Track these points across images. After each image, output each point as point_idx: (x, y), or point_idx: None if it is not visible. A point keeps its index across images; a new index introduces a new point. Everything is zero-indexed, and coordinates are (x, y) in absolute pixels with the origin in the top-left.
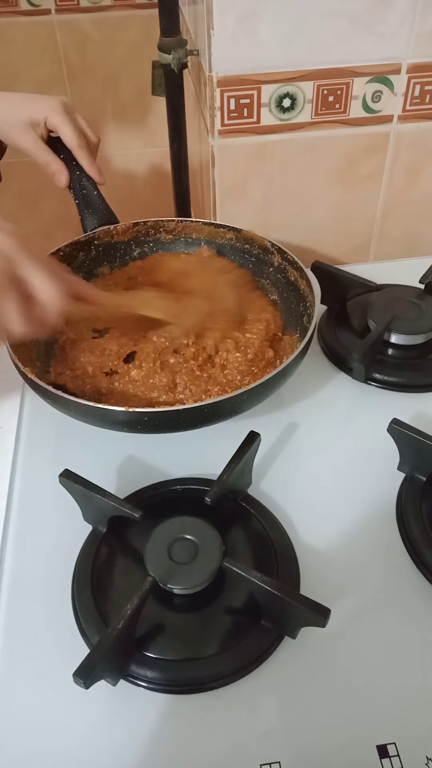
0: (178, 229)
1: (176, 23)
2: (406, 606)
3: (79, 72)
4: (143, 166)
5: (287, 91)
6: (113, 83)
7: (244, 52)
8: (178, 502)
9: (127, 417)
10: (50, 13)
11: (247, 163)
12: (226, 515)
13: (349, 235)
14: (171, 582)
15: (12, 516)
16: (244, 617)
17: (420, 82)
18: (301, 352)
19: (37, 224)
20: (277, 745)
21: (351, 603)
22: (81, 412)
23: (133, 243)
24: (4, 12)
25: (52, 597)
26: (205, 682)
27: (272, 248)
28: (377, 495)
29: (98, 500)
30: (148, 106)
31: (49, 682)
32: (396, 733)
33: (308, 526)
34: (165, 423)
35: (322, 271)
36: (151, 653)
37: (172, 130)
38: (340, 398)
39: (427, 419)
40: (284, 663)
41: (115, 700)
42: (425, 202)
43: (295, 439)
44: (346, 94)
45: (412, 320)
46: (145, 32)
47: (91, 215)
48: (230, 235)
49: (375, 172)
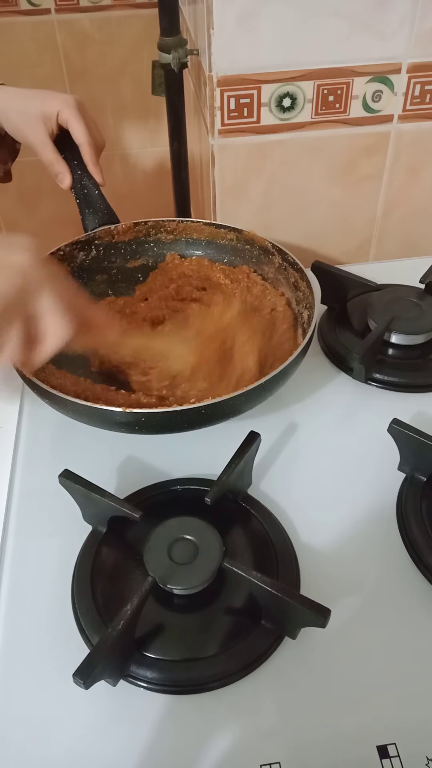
0: (179, 230)
1: (176, 23)
2: (406, 606)
3: (79, 72)
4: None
5: (287, 90)
6: (113, 83)
7: (244, 52)
8: (178, 502)
9: (125, 418)
10: (50, 12)
11: (247, 163)
12: (226, 515)
13: (349, 235)
14: (171, 582)
15: (12, 516)
16: (244, 617)
17: (420, 81)
18: (301, 353)
19: (37, 224)
20: (277, 745)
21: (351, 603)
22: (79, 413)
23: (134, 243)
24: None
25: (52, 597)
26: (205, 682)
27: (273, 249)
28: (377, 495)
29: (98, 500)
30: (148, 106)
31: (48, 682)
32: (396, 733)
33: (308, 526)
34: (163, 424)
35: (322, 271)
36: (151, 653)
37: (172, 130)
38: (340, 398)
39: (428, 419)
40: (284, 663)
41: (114, 701)
42: (425, 202)
43: (295, 440)
44: (347, 93)
45: (413, 320)
46: (145, 32)
47: (91, 215)
48: (231, 235)
49: (375, 172)
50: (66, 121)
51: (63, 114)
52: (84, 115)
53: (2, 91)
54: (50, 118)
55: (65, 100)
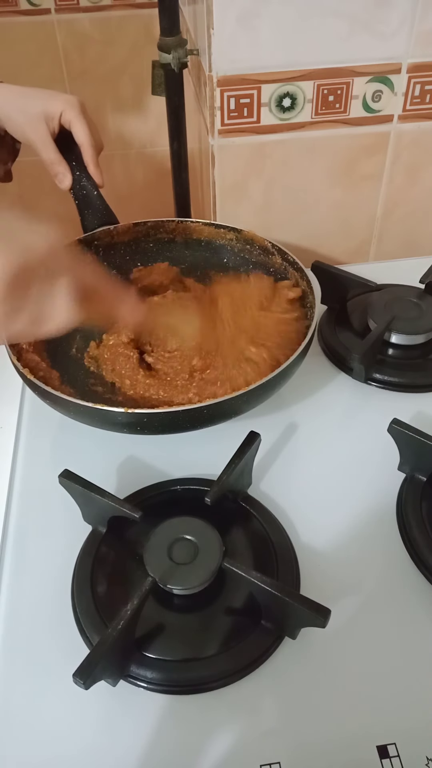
0: (179, 230)
1: (176, 23)
2: (406, 606)
3: (79, 72)
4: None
5: (287, 90)
6: (113, 83)
7: (244, 52)
8: (178, 502)
9: (127, 418)
10: (50, 12)
11: (247, 163)
12: (226, 515)
13: (349, 235)
14: (171, 582)
15: (12, 516)
16: (244, 617)
17: (420, 81)
18: (301, 353)
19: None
20: (277, 745)
21: (351, 603)
22: (80, 413)
23: (134, 243)
24: (4, 12)
25: (52, 597)
26: (205, 682)
27: (273, 249)
28: (377, 495)
29: (98, 500)
30: (148, 106)
31: (48, 682)
32: (396, 733)
33: (308, 526)
34: (164, 424)
35: (322, 271)
36: (151, 654)
37: (172, 130)
38: (340, 398)
39: (428, 419)
40: (284, 663)
41: (115, 701)
42: (425, 202)
43: (296, 440)
44: (347, 93)
45: (413, 320)
46: (145, 32)
47: (91, 215)
48: (230, 235)
49: (375, 172)
50: (69, 121)
51: (66, 114)
52: (86, 116)
53: (2, 89)
54: (53, 118)
55: (68, 100)
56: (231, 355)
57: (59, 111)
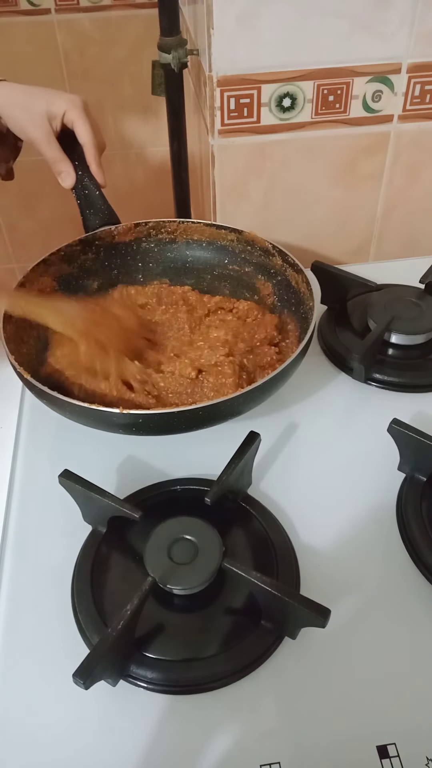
0: (180, 230)
1: (176, 23)
2: (406, 606)
3: (79, 72)
4: (143, 166)
5: (287, 90)
6: (113, 83)
7: (244, 52)
8: (178, 502)
9: (123, 419)
10: (50, 12)
11: (247, 163)
12: (226, 515)
13: (349, 235)
14: (171, 582)
15: (12, 516)
16: (244, 618)
17: (420, 81)
18: (300, 353)
19: (37, 224)
20: (277, 746)
21: (351, 603)
22: (76, 414)
23: (134, 243)
24: (4, 12)
25: (52, 597)
26: (205, 682)
27: (273, 250)
28: (377, 495)
29: (98, 500)
30: (148, 106)
31: (48, 682)
32: (396, 734)
33: (308, 526)
34: (161, 425)
35: (322, 271)
36: (151, 654)
37: (172, 130)
38: (340, 398)
39: (428, 419)
40: (284, 663)
41: (114, 701)
42: (425, 202)
43: (295, 440)
44: (347, 93)
45: (412, 320)
46: (145, 32)
47: (92, 215)
48: (231, 236)
49: (375, 172)
50: (72, 121)
51: (69, 114)
52: (89, 116)
53: (5, 87)
54: (56, 117)
55: (71, 100)
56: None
57: (62, 110)
